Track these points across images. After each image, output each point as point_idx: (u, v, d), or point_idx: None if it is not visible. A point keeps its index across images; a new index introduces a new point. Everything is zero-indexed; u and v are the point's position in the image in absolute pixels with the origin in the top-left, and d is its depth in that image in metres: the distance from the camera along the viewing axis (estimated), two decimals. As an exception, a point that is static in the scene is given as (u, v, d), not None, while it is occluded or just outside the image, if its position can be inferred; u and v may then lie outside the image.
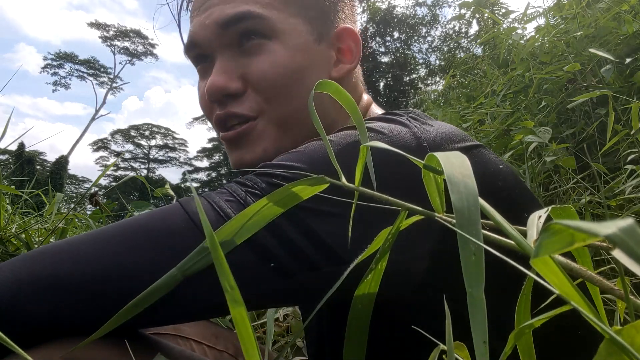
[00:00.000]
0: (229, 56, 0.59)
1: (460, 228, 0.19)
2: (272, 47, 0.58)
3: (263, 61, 0.58)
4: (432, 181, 0.26)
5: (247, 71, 0.58)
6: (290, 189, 0.28)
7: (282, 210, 0.30)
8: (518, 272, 0.19)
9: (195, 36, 0.60)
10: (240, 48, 0.59)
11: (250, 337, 0.21)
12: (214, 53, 0.60)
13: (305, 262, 0.39)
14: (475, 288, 0.18)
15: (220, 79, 0.58)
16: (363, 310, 0.28)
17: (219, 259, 0.22)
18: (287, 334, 1.29)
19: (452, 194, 0.20)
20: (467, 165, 0.22)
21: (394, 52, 19.69)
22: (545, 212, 0.22)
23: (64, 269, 0.36)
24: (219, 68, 0.59)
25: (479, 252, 0.19)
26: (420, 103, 5.28)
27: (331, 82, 0.33)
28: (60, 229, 1.21)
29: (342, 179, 0.28)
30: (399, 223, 0.26)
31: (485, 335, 0.17)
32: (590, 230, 0.14)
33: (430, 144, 0.44)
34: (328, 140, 0.43)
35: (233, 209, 0.39)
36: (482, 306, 0.18)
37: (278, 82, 0.58)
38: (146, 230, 0.38)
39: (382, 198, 0.26)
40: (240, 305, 0.21)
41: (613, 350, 0.16)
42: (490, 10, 3.29)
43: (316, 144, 0.45)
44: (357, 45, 0.66)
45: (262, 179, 0.41)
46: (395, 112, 0.51)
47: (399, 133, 0.45)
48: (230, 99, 0.59)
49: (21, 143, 8.48)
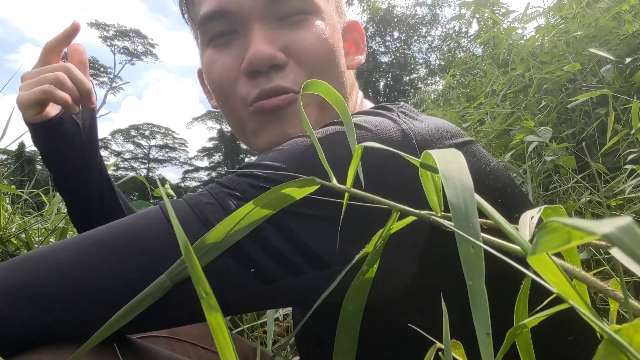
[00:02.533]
0: (269, 26, 0.56)
1: (457, 222, 0.19)
2: (316, 22, 0.57)
3: (310, 34, 0.56)
4: (429, 180, 0.25)
5: (291, 43, 0.55)
6: (279, 191, 0.28)
7: (270, 213, 0.30)
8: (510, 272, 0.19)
9: (230, 5, 0.55)
10: (282, 20, 0.56)
11: (227, 342, 0.22)
12: (248, 23, 0.56)
13: (288, 267, 0.38)
14: (475, 281, 0.18)
15: (268, 48, 0.54)
16: (354, 312, 0.28)
17: (194, 267, 0.22)
18: (287, 334, 1.29)
19: (447, 189, 0.20)
20: (462, 161, 0.22)
21: (394, 52, 19.68)
22: (537, 212, 0.22)
23: (46, 277, 0.36)
24: (262, 37, 0.54)
25: (477, 244, 0.18)
26: (420, 103, 5.28)
27: (321, 82, 0.32)
28: (60, 229, 1.21)
29: (334, 180, 0.28)
30: (390, 224, 0.26)
31: (488, 327, 0.17)
32: (587, 228, 0.14)
33: (419, 141, 0.42)
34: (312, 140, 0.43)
35: (213, 212, 0.38)
36: (484, 298, 0.18)
37: (324, 57, 0.57)
38: (127, 236, 0.38)
39: (374, 199, 0.26)
40: (216, 311, 0.22)
41: (612, 350, 0.16)
42: (490, 10, 3.29)
43: (299, 141, 0.43)
44: (363, 40, 0.68)
45: (243, 180, 0.40)
46: (385, 106, 0.49)
47: (385, 129, 0.43)
48: (272, 70, 0.55)
49: (21, 143, 8.48)
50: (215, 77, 0.58)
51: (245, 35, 0.56)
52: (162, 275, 0.34)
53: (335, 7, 0.62)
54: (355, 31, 0.67)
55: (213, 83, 0.59)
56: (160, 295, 0.34)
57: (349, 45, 0.66)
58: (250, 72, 0.55)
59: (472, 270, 0.18)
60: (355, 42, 0.67)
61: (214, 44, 0.59)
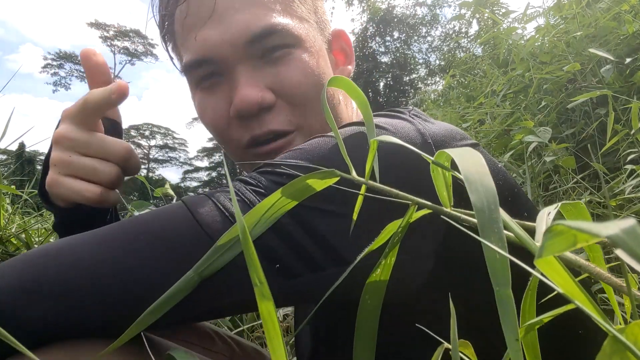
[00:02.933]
0: (253, 66, 0.55)
1: (482, 227, 0.19)
2: (299, 54, 0.56)
3: (294, 70, 0.55)
4: (440, 177, 0.26)
5: (277, 82, 0.55)
6: (300, 183, 0.28)
7: (292, 204, 0.30)
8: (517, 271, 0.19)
9: (211, 53, 0.55)
10: (265, 57, 0.55)
11: (277, 331, 0.21)
12: (232, 67, 0.55)
13: (310, 263, 0.38)
14: (502, 287, 0.18)
15: (255, 91, 0.54)
16: (372, 305, 0.27)
17: (250, 255, 0.22)
18: (287, 334, 1.29)
19: (470, 193, 0.20)
20: (483, 162, 0.22)
21: (394, 52, 19.69)
22: (555, 208, 0.22)
23: (67, 273, 0.35)
24: (247, 80, 0.54)
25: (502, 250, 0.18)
26: (420, 103, 5.28)
27: (344, 78, 0.33)
28: (60, 229, 1.21)
29: (353, 172, 0.28)
30: (408, 217, 0.26)
31: (517, 333, 0.18)
32: (592, 231, 0.14)
33: (435, 141, 0.44)
34: (332, 137, 0.43)
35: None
36: (512, 304, 0.18)
37: (312, 91, 0.56)
38: (149, 232, 0.37)
39: (392, 192, 0.26)
40: (268, 300, 0.21)
41: (617, 349, 0.16)
42: (490, 10, 3.29)
43: (319, 141, 0.44)
44: (350, 46, 0.67)
45: (265, 177, 0.41)
46: (397, 109, 0.50)
47: (404, 129, 0.44)
48: (262, 112, 0.55)
49: (21, 143, 8.48)
50: (209, 123, 0.60)
51: (230, 78, 0.56)
52: (189, 271, 0.34)
53: (316, 23, 0.61)
54: (341, 40, 0.66)
55: (208, 127, 0.61)
56: (188, 291, 0.34)
57: (337, 54, 0.65)
58: (239, 117, 0.56)
59: (499, 277, 0.18)
60: (343, 50, 0.66)
61: (201, 87, 0.59)
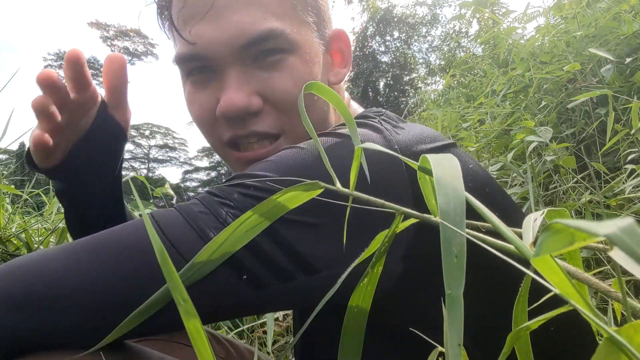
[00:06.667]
0: (244, 70, 0.55)
1: (443, 229, 0.19)
2: (292, 61, 0.55)
3: (285, 77, 0.55)
4: (428, 183, 0.26)
5: (266, 87, 0.55)
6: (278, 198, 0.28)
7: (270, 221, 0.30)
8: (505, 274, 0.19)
9: (204, 51, 0.54)
10: (257, 62, 0.55)
11: (206, 349, 0.22)
12: (223, 65, 0.55)
13: (279, 272, 0.39)
14: (455, 289, 0.18)
15: (241, 96, 0.53)
16: (359, 313, 0.28)
17: (171, 275, 0.22)
18: (287, 334, 1.29)
19: (438, 196, 0.20)
20: (457, 167, 0.22)
21: (394, 52, 19.69)
22: (541, 214, 0.22)
23: (34, 286, 0.36)
24: (235, 84, 0.54)
25: (461, 254, 0.19)
26: (420, 103, 5.28)
27: (318, 83, 0.33)
28: (60, 229, 1.21)
29: (337, 183, 0.28)
30: (394, 227, 0.26)
31: (460, 338, 0.18)
32: (590, 230, 0.14)
33: (402, 147, 0.45)
34: (300, 148, 0.44)
35: (207, 221, 0.39)
36: (460, 307, 0.18)
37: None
38: (118, 245, 0.38)
39: (377, 202, 0.26)
40: (194, 317, 0.22)
41: (612, 350, 0.16)
42: (490, 10, 3.29)
43: (288, 153, 0.44)
44: (348, 48, 0.65)
45: (235, 189, 0.41)
46: (368, 115, 0.51)
47: (370, 139, 0.46)
48: (248, 116, 0.55)
49: (22, 143, 8.47)
50: (196, 116, 0.60)
51: (221, 77, 0.55)
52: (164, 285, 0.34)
53: (316, 24, 0.59)
54: (341, 41, 0.65)
55: (195, 120, 0.61)
56: (164, 304, 0.34)
57: (334, 55, 0.64)
58: (224, 118, 0.56)
59: (453, 280, 0.18)
60: (341, 52, 0.65)
61: (192, 80, 0.59)
